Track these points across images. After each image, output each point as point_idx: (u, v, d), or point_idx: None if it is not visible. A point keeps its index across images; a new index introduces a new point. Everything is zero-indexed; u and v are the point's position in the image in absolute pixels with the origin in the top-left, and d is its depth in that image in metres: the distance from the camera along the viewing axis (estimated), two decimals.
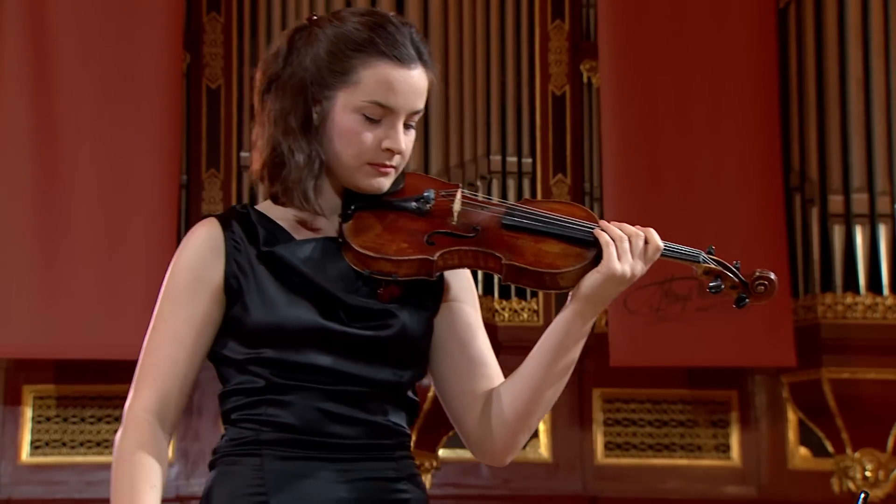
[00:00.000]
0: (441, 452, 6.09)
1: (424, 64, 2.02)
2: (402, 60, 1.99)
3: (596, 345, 6.11)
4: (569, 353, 2.01)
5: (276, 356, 1.97)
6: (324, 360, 1.96)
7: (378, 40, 1.99)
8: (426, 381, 2.16)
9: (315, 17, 2.06)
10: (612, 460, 6.19)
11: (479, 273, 5.97)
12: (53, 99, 5.82)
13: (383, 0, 6.16)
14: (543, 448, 6.17)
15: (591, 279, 1.95)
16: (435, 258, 1.93)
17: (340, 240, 1.99)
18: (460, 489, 6.10)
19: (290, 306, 1.96)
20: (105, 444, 5.97)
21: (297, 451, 1.96)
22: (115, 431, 2.04)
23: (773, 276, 2.00)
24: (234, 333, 2.00)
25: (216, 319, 2.01)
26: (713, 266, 1.98)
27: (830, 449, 6.16)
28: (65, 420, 6.02)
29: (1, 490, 5.90)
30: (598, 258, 1.94)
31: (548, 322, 6.16)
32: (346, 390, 1.97)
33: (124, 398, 2.03)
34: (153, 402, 1.99)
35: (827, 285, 6.13)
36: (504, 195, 6.13)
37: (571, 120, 6.39)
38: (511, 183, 6.27)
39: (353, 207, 2.00)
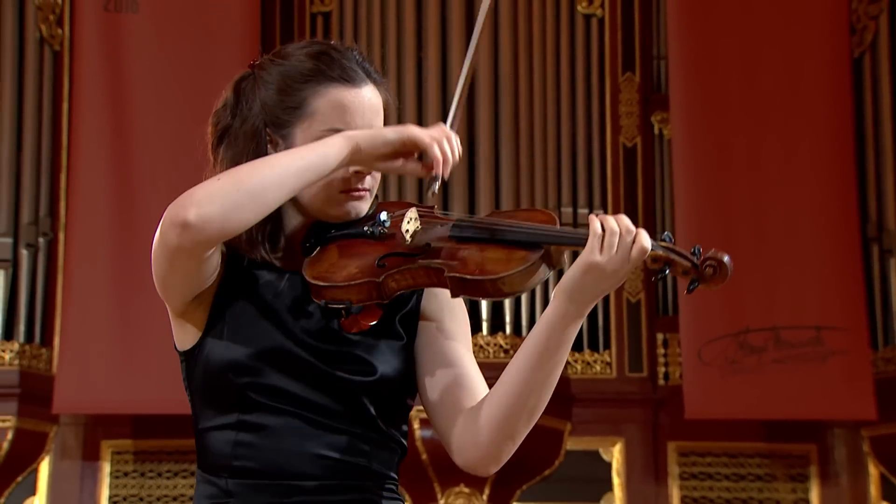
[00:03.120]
0: None
1: (374, 81, 1.99)
2: (350, 81, 1.96)
3: (671, 397, 6.10)
4: (552, 357, 1.87)
5: (251, 380, 1.90)
6: (295, 386, 1.90)
7: (323, 66, 1.96)
8: None
9: (257, 62, 2.04)
10: None
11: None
12: (130, 153, 5.92)
13: (454, 56, 6.21)
14: (619, 502, 6.10)
15: (569, 272, 1.85)
16: (380, 280, 1.89)
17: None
18: None
19: (261, 336, 1.92)
20: (181, 499, 5.99)
21: (268, 499, 1.88)
22: (191, 486, 2.00)
23: (724, 257, 1.83)
24: (207, 364, 1.93)
25: (204, 286, 1.93)
26: (661, 253, 1.84)
27: None
28: (142, 475, 6.05)
29: None
30: (544, 259, 1.86)
31: (621, 375, 6.25)
32: (318, 425, 1.90)
33: None
34: None
35: None
36: None
37: (643, 172, 6.38)
38: None
39: (312, 241, 1.97)
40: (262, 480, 1.89)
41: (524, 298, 6.05)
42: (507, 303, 6.04)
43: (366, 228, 1.95)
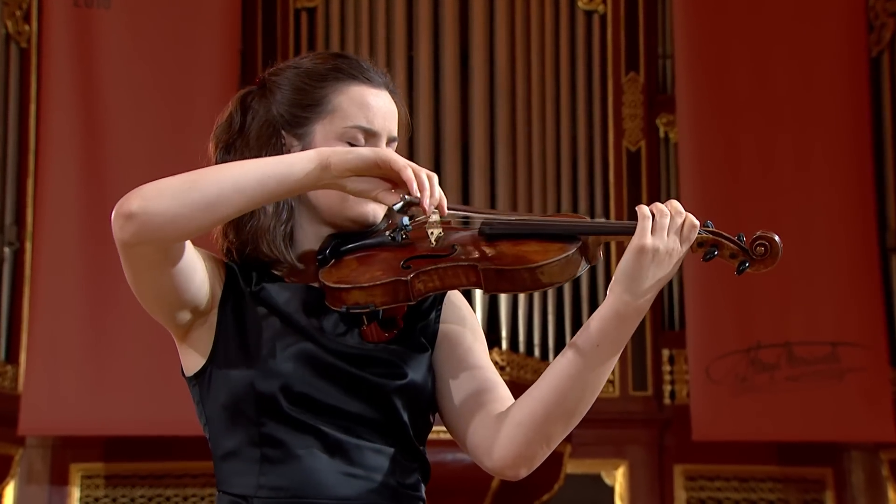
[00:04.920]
0: None
1: (391, 92, 2.03)
2: (371, 81, 1.99)
3: (677, 417, 5.98)
4: (602, 355, 1.86)
5: (279, 386, 1.88)
6: (324, 393, 1.89)
7: (343, 65, 2.00)
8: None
9: (262, 76, 2.05)
10: None
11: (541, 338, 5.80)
12: (103, 157, 5.81)
13: (447, 54, 6.10)
14: None
15: (621, 262, 1.85)
16: (408, 279, 1.88)
17: (319, 286, 1.97)
18: None
19: (283, 344, 1.91)
20: None
21: None
22: None
23: (775, 236, 1.87)
24: (225, 380, 1.92)
25: (194, 294, 1.90)
26: (707, 236, 1.88)
27: None
28: (114, 500, 5.95)
29: None
30: (582, 251, 1.88)
31: (624, 393, 6.11)
32: (348, 440, 1.90)
33: (177, 476, 1.81)
34: None
35: None
36: None
37: (647, 177, 6.26)
38: None
39: (328, 251, 1.97)
40: (289, 499, 1.88)
41: (521, 315, 5.95)
42: (504, 319, 5.91)
43: (387, 234, 1.95)
